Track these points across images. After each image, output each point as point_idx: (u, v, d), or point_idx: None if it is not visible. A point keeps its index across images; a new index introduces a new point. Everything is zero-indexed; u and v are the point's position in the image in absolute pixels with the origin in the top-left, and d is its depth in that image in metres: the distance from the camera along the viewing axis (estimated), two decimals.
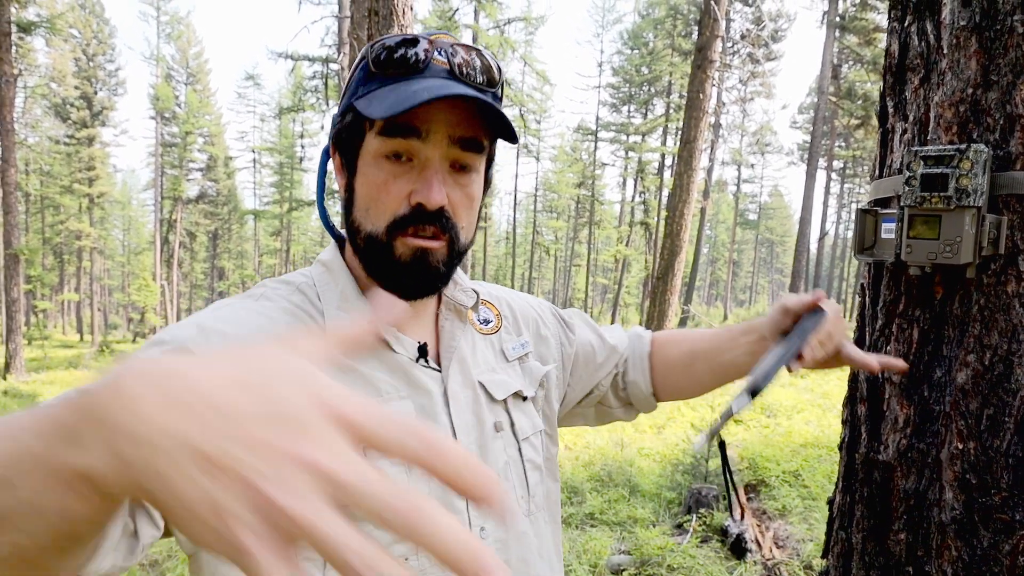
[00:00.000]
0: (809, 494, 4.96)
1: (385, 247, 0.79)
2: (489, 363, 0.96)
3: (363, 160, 0.80)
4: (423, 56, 0.77)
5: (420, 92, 0.72)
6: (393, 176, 0.77)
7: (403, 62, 0.76)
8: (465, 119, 0.77)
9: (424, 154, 0.77)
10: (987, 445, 1.03)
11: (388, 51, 0.77)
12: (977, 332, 1.03)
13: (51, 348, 24.52)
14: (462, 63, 0.78)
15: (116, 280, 52.73)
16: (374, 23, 5.25)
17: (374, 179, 0.78)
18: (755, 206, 59.39)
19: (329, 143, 0.87)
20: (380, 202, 0.78)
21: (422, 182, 0.77)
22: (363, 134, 0.79)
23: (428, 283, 0.82)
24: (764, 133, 44.60)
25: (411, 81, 0.75)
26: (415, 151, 0.77)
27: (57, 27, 15.92)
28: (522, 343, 1.03)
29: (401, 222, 0.78)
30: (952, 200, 0.99)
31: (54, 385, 12.61)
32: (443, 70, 0.77)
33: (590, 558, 4.02)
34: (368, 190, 0.79)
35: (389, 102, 0.73)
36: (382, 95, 0.75)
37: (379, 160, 0.78)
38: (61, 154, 36.97)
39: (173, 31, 41.34)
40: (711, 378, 1.11)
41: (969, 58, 1.02)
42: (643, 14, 35.78)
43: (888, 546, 1.17)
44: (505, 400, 0.94)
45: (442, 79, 0.76)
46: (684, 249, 11.76)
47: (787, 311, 0.99)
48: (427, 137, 0.76)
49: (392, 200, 0.78)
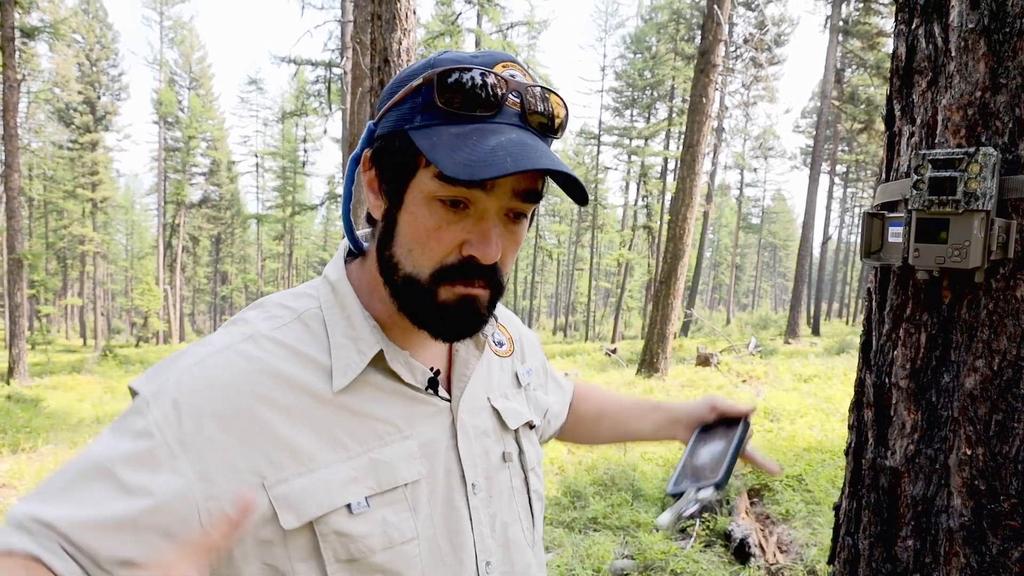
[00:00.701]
0: (813, 499, 4.94)
1: (427, 292, 0.73)
2: (504, 388, 0.95)
3: (412, 196, 0.72)
4: (496, 96, 0.70)
5: (501, 156, 0.66)
6: (447, 223, 0.71)
7: (474, 101, 0.70)
8: (532, 174, 0.72)
9: (483, 205, 0.71)
10: (996, 451, 1.02)
11: (459, 86, 0.70)
12: (986, 337, 1.02)
13: (54, 353, 24.57)
14: (533, 107, 0.72)
15: (119, 285, 52.82)
16: (377, 27, 5.26)
17: (424, 222, 0.72)
18: (758, 210, 59.37)
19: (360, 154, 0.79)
20: (428, 247, 0.72)
21: (479, 235, 0.71)
22: (415, 168, 0.72)
23: (473, 328, 0.77)
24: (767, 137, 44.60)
25: (482, 128, 0.69)
26: (474, 200, 0.71)
27: (60, 32, 15.98)
28: (527, 370, 1.02)
29: (449, 272, 0.73)
30: (961, 204, 0.98)
31: (57, 390, 12.62)
32: (515, 113, 0.72)
33: (593, 563, 4.01)
34: (415, 232, 0.72)
35: (462, 158, 0.66)
36: (450, 142, 0.68)
37: (432, 202, 0.71)
38: (64, 159, 37.08)
39: (176, 36, 41.50)
40: (608, 437, 1.23)
41: (978, 61, 1.01)
42: (646, 18, 35.85)
43: (895, 552, 1.16)
44: (517, 430, 0.93)
45: (514, 126, 0.71)
46: (687, 253, 11.74)
47: (714, 409, 1.11)
48: (492, 190, 0.71)
49: (442, 248, 0.72)
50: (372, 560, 0.73)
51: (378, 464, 0.76)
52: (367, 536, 0.73)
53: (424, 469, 0.79)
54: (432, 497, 0.80)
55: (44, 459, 7.07)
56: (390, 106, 0.75)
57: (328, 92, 16.89)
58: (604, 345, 22.26)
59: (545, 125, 0.74)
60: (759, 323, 30.34)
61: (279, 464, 0.71)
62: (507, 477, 0.89)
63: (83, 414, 9.68)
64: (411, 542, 0.76)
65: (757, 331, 25.01)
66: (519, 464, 0.92)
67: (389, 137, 0.74)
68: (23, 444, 7.59)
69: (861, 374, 1.29)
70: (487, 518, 0.85)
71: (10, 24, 12.86)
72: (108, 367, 17.38)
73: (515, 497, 0.90)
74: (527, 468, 0.93)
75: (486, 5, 19.64)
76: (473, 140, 0.68)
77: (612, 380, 11.85)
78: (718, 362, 13.13)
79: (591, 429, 1.22)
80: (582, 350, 20.78)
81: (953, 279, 1.05)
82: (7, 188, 13.35)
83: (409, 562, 0.76)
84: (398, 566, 0.75)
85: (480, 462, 0.85)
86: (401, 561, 0.75)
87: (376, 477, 0.75)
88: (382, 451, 0.77)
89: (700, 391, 10.08)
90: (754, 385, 10.82)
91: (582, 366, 15.45)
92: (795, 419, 7.70)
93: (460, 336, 0.78)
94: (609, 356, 17.03)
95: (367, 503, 0.74)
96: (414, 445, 0.79)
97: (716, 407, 1.11)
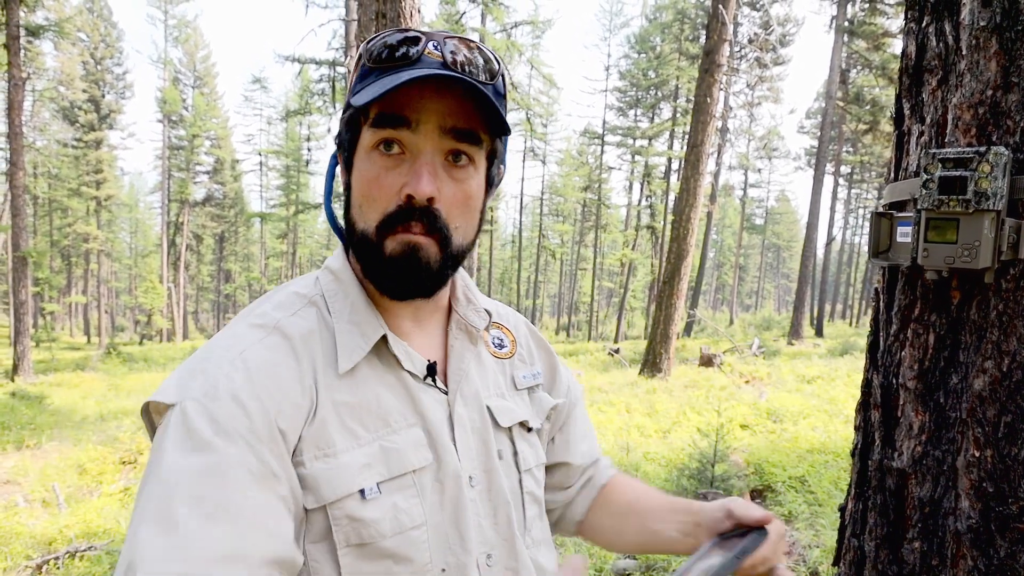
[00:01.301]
0: (815, 500, 4.92)
1: (375, 246, 0.76)
2: (499, 388, 0.94)
3: (358, 155, 0.78)
4: (416, 48, 0.75)
5: (403, 77, 0.71)
6: (385, 169, 0.75)
7: (394, 54, 0.75)
8: (458, 109, 0.75)
9: (416, 145, 0.75)
10: (1004, 453, 1.01)
11: (382, 46, 0.76)
12: (995, 338, 1.01)
13: (58, 350, 24.62)
14: (456, 54, 0.75)
15: (123, 283, 52.94)
16: (381, 26, 5.26)
17: (367, 173, 0.76)
18: (762, 211, 59.24)
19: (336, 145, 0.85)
20: (372, 198, 0.76)
21: (412, 175, 0.74)
22: (359, 129, 0.78)
23: (417, 282, 0.78)
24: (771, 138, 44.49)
25: (401, 72, 0.73)
26: (406, 142, 0.75)
27: (65, 31, 16.01)
28: (534, 373, 1.01)
29: (391, 219, 0.75)
30: (971, 203, 0.97)
31: (61, 387, 12.65)
32: (436, 62, 0.75)
33: (595, 563, 4.00)
34: (361, 185, 0.77)
35: (374, 89, 0.72)
36: (372, 88, 0.73)
37: (371, 153, 0.76)
38: (69, 157, 37.15)
39: (181, 34, 41.54)
40: (634, 538, 1.08)
41: (989, 59, 1.00)
42: (650, 18, 35.78)
43: (902, 555, 1.15)
44: (510, 428, 0.92)
45: (435, 70, 0.73)
46: (690, 253, 11.72)
47: (731, 515, 0.98)
48: (417, 127, 0.74)
49: (384, 195, 0.75)
50: (382, 545, 0.74)
51: (388, 451, 0.77)
52: (378, 521, 0.74)
53: (431, 455, 0.80)
54: (436, 485, 0.80)
55: (48, 456, 7.08)
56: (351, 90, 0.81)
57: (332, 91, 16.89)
58: (607, 345, 22.24)
59: (469, 71, 0.76)
60: (762, 324, 30.28)
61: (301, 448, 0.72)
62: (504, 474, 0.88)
63: (87, 411, 9.70)
64: (420, 527, 0.77)
65: (760, 332, 24.96)
66: (513, 464, 0.90)
67: (343, 113, 0.80)
68: (27, 441, 7.62)
69: (868, 375, 1.28)
70: (487, 511, 0.84)
71: (15, 22, 12.89)
72: (112, 364, 17.41)
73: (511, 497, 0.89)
74: (521, 469, 0.91)
75: (490, 4, 19.63)
76: (388, 79, 0.72)
77: (615, 380, 11.85)
78: (721, 363, 13.11)
79: (617, 523, 1.08)
80: (585, 350, 20.77)
81: (962, 279, 1.04)
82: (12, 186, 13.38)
83: (417, 547, 0.76)
84: (407, 551, 0.75)
85: (476, 455, 0.85)
86: (410, 546, 0.75)
87: (387, 463, 0.76)
88: (391, 438, 0.78)
89: (703, 392, 10.06)
90: (757, 386, 10.80)
91: (585, 366, 15.44)
92: (798, 420, 7.68)
93: (409, 292, 0.80)
94: (612, 356, 17.01)
95: (378, 489, 0.75)
96: (420, 432, 0.80)
97: (732, 513, 0.98)
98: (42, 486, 5.91)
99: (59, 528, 4.73)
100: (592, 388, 10.94)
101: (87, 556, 4.25)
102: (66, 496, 5.67)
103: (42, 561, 4.15)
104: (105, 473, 6.43)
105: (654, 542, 1.07)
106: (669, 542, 1.05)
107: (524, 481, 0.91)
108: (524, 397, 0.98)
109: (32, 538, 4.57)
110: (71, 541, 4.52)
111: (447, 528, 0.80)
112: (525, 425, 0.95)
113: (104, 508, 5.21)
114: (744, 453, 6.32)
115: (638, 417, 8.44)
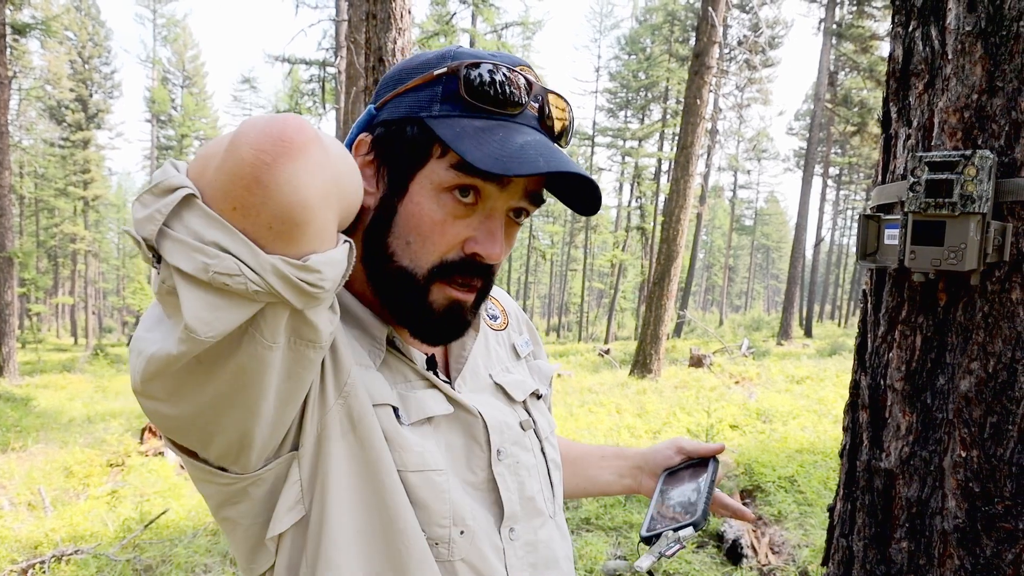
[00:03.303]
0: (805, 500, 4.95)
1: (420, 289, 0.72)
2: (503, 361, 0.94)
3: (419, 184, 0.71)
4: (520, 96, 0.70)
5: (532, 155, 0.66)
6: (453, 217, 0.70)
7: (500, 98, 0.69)
8: (538, 178, 0.73)
9: (493, 202, 0.71)
10: (990, 453, 1.02)
11: (486, 82, 0.69)
12: (981, 339, 1.02)
13: (45, 351, 24.41)
14: (550, 113, 0.74)
15: (111, 283, 52.53)
16: (372, 26, 5.25)
17: (430, 214, 0.70)
18: (751, 212, 59.54)
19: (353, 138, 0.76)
20: (430, 241, 0.71)
21: (485, 232, 0.71)
22: (427, 156, 0.70)
23: (455, 335, 0.77)
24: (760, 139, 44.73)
25: (505, 125, 0.69)
26: (485, 195, 0.70)
27: (52, 29, 15.88)
28: (525, 341, 1.01)
29: (449, 268, 0.72)
30: (957, 206, 0.98)
31: (48, 389, 12.54)
32: (534, 117, 0.73)
33: (586, 564, 4.01)
34: (418, 223, 0.71)
35: (492, 152, 0.66)
36: (476, 135, 0.67)
37: (441, 193, 0.70)
38: (56, 157, 36.84)
39: (170, 34, 41.34)
40: (571, 484, 1.15)
41: (974, 64, 1.01)
42: (641, 20, 35.92)
43: (890, 554, 1.16)
44: (524, 401, 0.92)
45: (532, 128, 0.72)
46: (680, 254, 11.76)
47: (681, 451, 1.10)
48: (507, 187, 0.70)
49: (444, 241, 0.71)
50: (407, 477, 0.72)
51: (407, 398, 0.76)
52: (406, 448, 0.73)
53: (451, 407, 0.79)
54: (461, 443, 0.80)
55: (34, 458, 7.02)
56: (400, 92, 0.73)
57: (322, 91, 16.85)
58: (597, 346, 22.28)
59: (558, 132, 0.75)
60: (752, 324, 30.43)
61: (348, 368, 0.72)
62: (528, 446, 0.88)
63: (74, 413, 9.62)
64: (441, 473, 0.75)
65: (750, 332, 25.08)
66: (535, 434, 0.91)
67: (399, 123, 0.72)
68: (13, 443, 7.54)
69: (856, 376, 1.29)
70: (515, 486, 0.84)
71: (1, 20, 12.78)
72: (99, 366, 17.28)
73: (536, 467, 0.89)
74: (541, 438, 0.92)
75: (481, 5, 19.63)
76: (499, 136, 0.67)
77: (605, 381, 11.86)
78: (711, 363, 13.16)
79: None
80: (575, 350, 20.79)
81: (949, 281, 1.05)
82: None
83: (437, 493, 0.74)
84: (425, 493, 0.73)
85: (506, 429, 0.85)
86: (429, 489, 0.74)
87: (407, 409, 0.76)
88: (412, 393, 0.77)
89: (693, 392, 10.09)
90: (747, 386, 10.84)
91: (575, 366, 15.46)
92: (787, 420, 7.72)
93: (441, 341, 0.78)
94: (602, 357, 17.04)
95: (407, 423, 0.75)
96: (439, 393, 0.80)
97: (682, 448, 1.11)
98: (28, 489, 5.85)
99: (45, 531, 4.69)
100: (582, 389, 10.95)
101: (73, 560, 4.21)
102: (52, 499, 5.62)
103: (27, 565, 4.11)
104: (92, 476, 6.37)
105: (589, 489, 1.16)
106: (604, 485, 1.16)
107: (546, 449, 0.92)
108: (524, 366, 0.98)
109: (17, 542, 4.53)
110: (57, 544, 4.48)
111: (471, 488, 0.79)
112: (535, 394, 0.95)
113: (91, 511, 5.17)
114: (734, 453, 6.34)
115: (628, 418, 8.46)
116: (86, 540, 4.58)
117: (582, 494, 1.17)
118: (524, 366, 0.98)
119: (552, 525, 0.89)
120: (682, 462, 1.10)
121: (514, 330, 1.01)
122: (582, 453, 1.18)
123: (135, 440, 7.40)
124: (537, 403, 0.95)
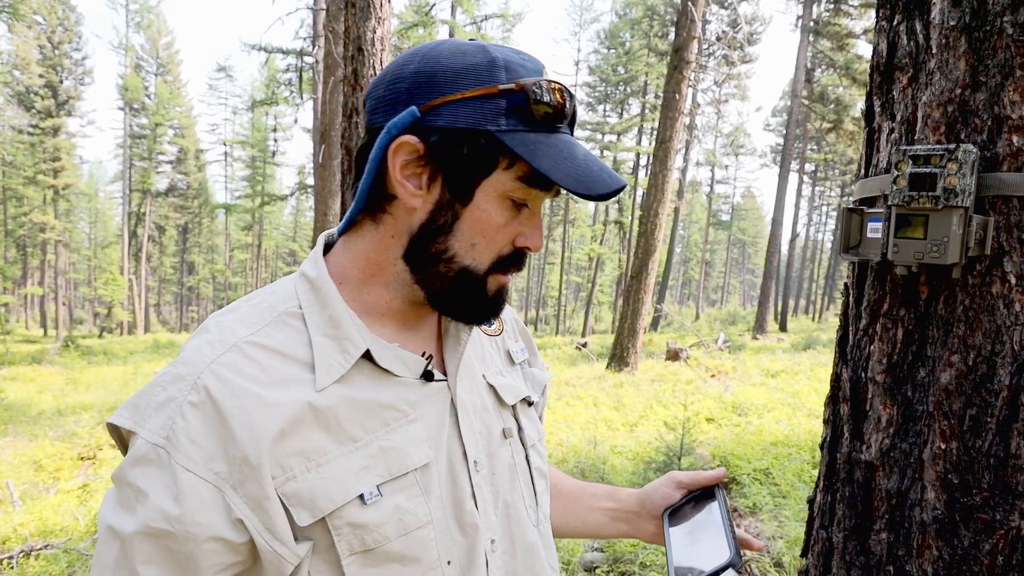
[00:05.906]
0: (779, 492, 5.01)
1: (480, 283, 0.80)
2: (497, 365, 0.94)
3: (484, 193, 0.76)
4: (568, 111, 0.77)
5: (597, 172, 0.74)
6: (511, 218, 0.78)
7: (560, 115, 0.76)
8: None
9: (538, 203, 0.81)
10: (969, 445, 1.03)
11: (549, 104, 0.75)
12: (961, 332, 1.03)
13: (13, 343, 23.91)
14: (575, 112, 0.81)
15: (82, 274, 51.66)
16: (351, 15, 5.18)
17: (496, 219, 0.77)
18: (728, 207, 60.08)
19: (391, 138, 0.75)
20: (492, 240, 0.78)
21: (532, 228, 0.80)
22: (494, 166, 0.75)
23: (498, 312, 0.85)
24: (738, 135, 45.10)
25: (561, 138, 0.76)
26: (534, 198, 0.79)
27: (20, 12, 15.50)
28: (520, 348, 1.02)
29: (503, 262, 0.80)
30: (940, 200, 0.98)
31: (16, 381, 12.30)
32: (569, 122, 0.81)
33: (563, 555, 4.02)
34: (484, 227, 0.77)
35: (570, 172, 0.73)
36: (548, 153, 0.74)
37: (504, 200, 0.77)
38: (25, 144, 36.05)
39: (143, 20, 40.59)
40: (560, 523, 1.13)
41: (958, 58, 1.02)
42: (620, 14, 35.96)
43: (869, 545, 1.17)
44: (514, 405, 0.92)
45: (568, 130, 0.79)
46: (658, 249, 11.83)
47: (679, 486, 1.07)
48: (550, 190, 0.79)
49: (503, 239, 0.79)
50: (388, 548, 0.73)
51: (387, 451, 0.75)
52: (382, 525, 0.73)
53: (432, 452, 0.79)
54: (440, 479, 0.79)
55: (2, 452, 6.88)
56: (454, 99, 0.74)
57: (300, 81, 16.66)
58: (575, 339, 22.35)
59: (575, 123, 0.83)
60: (728, 319, 30.72)
61: (285, 464, 0.70)
62: (508, 454, 0.88)
63: (43, 406, 9.45)
64: (426, 526, 0.76)
65: (726, 327, 25.32)
66: (519, 441, 0.91)
67: (464, 133, 0.74)
68: None
69: (837, 369, 1.30)
70: (490, 495, 0.84)
71: None
72: (70, 358, 16.97)
73: (517, 475, 0.89)
74: (527, 445, 0.92)
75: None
76: (565, 153, 0.75)
77: (582, 374, 11.91)
78: (687, 357, 13.27)
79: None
80: (553, 344, 20.84)
81: (931, 275, 1.06)
82: None
83: (424, 547, 0.75)
84: (414, 551, 0.74)
85: (481, 439, 0.85)
86: (417, 546, 0.75)
87: (386, 464, 0.75)
88: (390, 437, 0.76)
89: (670, 385, 10.17)
90: (722, 380, 10.95)
91: (553, 360, 15.50)
92: (763, 413, 7.81)
93: (488, 319, 0.84)
94: (580, 350, 17.11)
95: (379, 491, 0.74)
96: (420, 428, 0.79)
97: (680, 483, 1.08)
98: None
99: (13, 526, 4.61)
100: (560, 382, 10.99)
101: (43, 555, 4.14)
102: (21, 493, 5.52)
103: None
104: (63, 469, 6.27)
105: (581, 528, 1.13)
106: (596, 527, 1.13)
107: (531, 457, 0.92)
108: (519, 372, 0.99)
109: None
110: (26, 539, 4.40)
111: (449, 523, 0.79)
112: (527, 400, 0.95)
113: (61, 505, 5.08)
114: (710, 446, 6.40)
115: (605, 411, 8.51)
116: (56, 535, 4.50)
117: (572, 534, 1.15)
118: (518, 372, 0.99)
119: (535, 534, 0.89)
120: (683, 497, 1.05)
121: (509, 337, 1.01)
122: (573, 491, 1.16)
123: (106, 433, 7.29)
124: (527, 410, 0.95)
